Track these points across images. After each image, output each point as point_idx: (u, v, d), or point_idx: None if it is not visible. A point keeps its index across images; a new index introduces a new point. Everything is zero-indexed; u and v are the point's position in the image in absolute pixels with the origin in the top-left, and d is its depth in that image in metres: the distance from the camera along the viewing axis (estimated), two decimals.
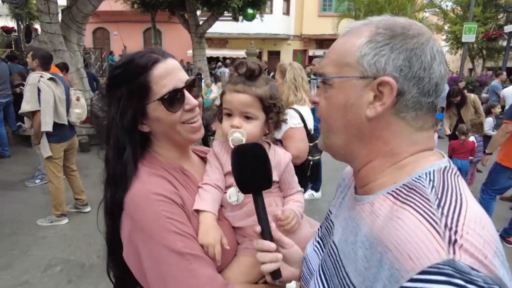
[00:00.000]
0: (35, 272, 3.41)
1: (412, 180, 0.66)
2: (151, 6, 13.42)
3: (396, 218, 0.61)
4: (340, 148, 0.77)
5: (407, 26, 0.68)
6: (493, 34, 15.47)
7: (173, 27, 20.45)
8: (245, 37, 21.76)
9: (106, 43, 23.51)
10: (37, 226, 4.30)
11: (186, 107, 0.99)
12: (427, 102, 0.68)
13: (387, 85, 0.66)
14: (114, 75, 1.00)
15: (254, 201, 0.90)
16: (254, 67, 1.08)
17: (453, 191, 0.61)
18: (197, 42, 13.57)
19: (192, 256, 0.89)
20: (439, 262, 0.52)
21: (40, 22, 7.79)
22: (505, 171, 4.01)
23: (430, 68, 0.66)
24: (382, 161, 0.71)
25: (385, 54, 0.66)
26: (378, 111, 0.67)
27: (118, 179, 0.96)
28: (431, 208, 0.59)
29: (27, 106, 3.99)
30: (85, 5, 8.16)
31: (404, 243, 0.56)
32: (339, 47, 0.74)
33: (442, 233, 0.54)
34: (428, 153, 0.71)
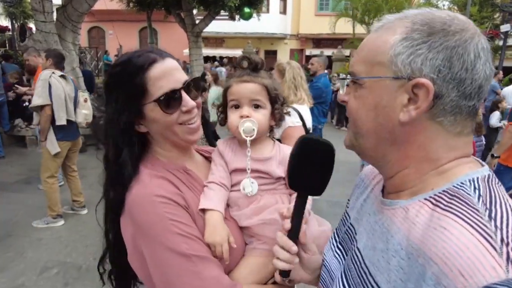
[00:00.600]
0: (31, 274, 3.35)
1: (454, 186, 0.61)
2: (146, 5, 13.33)
3: (441, 228, 0.55)
4: (370, 151, 0.72)
5: (448, 21, 0.62)
6: (490, 33, 15.53)
7: (169, 26, 20.34)
8: (242, 36, 21.72)
9: (101, 42, 23.37)
10: (33, 227, 4.24)
11: (183, 109, 0.98)
12: (467, 106, 0.62)
13: (423, 87, 0.60)
14: (112, 74, 0.99)
15: (297, 199, 0.84)
16: (257, 59, 1.09)
17: (502, 202, 0.57)
18: (193, 41, 13.49)
19: (197, 257, 0.88)
20: (497, 281, 0.47)
21: (34, 21, 7.71)
22: (509, 172, 4.02)
23: (474, 68, 0.60)
24: (418, 167, 0.66)
25: (422, 53, 0.61)
26: (412, 116, 0.62)
27: (117, 180, 0.95)
28: (482, 219, 0.53)
29: (38, 100, 4.05)
30: (81, 4, 8.08)
31: (454, 257, 0.51)
32: (370, 43, 0.68)
33: (499, 248, 0.49)
34: (467, 160, 0.65)
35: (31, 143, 7.63)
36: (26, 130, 7.86)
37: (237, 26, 17.11)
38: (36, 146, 6.57)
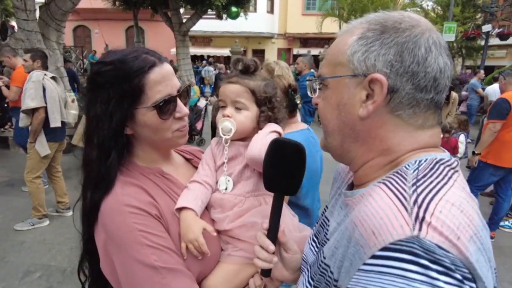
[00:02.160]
0: (12, 280, 3.28)
1: (403, 165, 0.64)
2: (133, 3, 13.21)
3: (369, 195, 0.60)
4: (337, 149, 0.75)
5: (399, 19, 0.65)
6: (472, 33, 15.85)
7: (156, 25, 20.15)
8: (229, 36, 21.66)
9: (87, 41, 22.99)
10: (16, 231, 4.14)
11: (176, 115, 0.97)
12: (425, 99, 0.64)
13: (377, 82, 0.63)
14: (100, 72, 0.92)
15: (274, 200, 0.86)
16: (249, 63, 1.10)
17: (439, 176, 0.59)
18: (180, 40, 13.40)
19: (166, 269, 0.86)
20: (402, 238, 0.50)
21: (16, 19, 7.52)
22: (488, 168, 4.09)
23: (425, 61, 0.62)
24: (381, 160, 0.68)
25: (375, 50, 0.64)
26: (370, 110, 0.65)
27: (100, 182, 0.92)
28: (404, 185, 0.57)
29: (32, 102, 3.96)
30: (64, 2, 7.93)
31: (370, 218, 0.55)
32: (334, 47, 0.72)
33: (410, 209, 0.52)
34: (431, 149, 0.67)
35: (14, 145, 7.45)
36: (9, 131, 7.68)
37: (224, 25, 17.08)
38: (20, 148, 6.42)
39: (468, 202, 0.56)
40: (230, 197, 1.05)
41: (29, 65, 4.24)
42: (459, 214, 0.53)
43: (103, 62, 0.94)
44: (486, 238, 0.55)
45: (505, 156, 3.98)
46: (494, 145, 4.02)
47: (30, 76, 4.04)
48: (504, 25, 16.77)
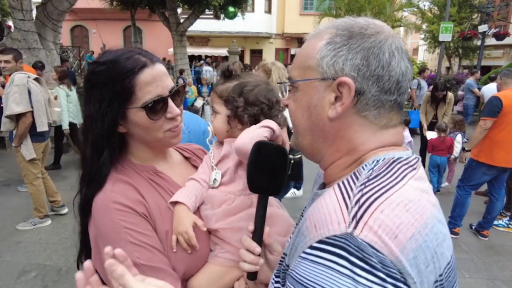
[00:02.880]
0: (8, 279, 3.29)
1: (361, 165, 0.67)
2: (130, 3, 13.21)
3: (325, 193, 0.64)
4: (308, 148, 0.78)
5: (365, 25, 0.69)
6: (468, 33, 15.93)
7: (154, 25, 20.14)
8: (227, 36, 21.67)
9: (84, 41, 22.94)
10: (12, 231, 4.15)
11: (168, 116, 0.98)
12: (389, 100, 0.68)
13: (345, 85, 0.66)
14: (95, 72, 0.95)
15: (258, 202, 0.89)
16: (222, 68, 1.15)
17: (391, 176, 0.62)
18: (178, 40, 13.41)
19: (147, 267, 0.87)
20: (337, 234, 0.54)
21: (12, 19, 7.52)
22: (480, 167, 4.10)
23: (389, 65, 0.66)
24: (347, 159, 0.72)
25: (343, 55, 0.67)
26: (338, 112, 0.68)
27: (93, 178, 0.95)
28: (353, 185, 0.61)
29: (18, 107, 3.83)
30: (61, 2, 7.94)
31: (316, 213, 0.59)
32: (303, 51, 0.75)
33: (351, 207, 0.56)
34: (392, 148, 0.71)
35: (11, 145, 7.45)
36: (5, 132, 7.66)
37: (222, 25, 17.09)
38: None
39: (420, 200, 0.59)
40: (221, 194, 1.06)
41: (12, 66, 4.08)
42: (403, 213, 0.55)
43: (97, 62, 0.97)
44: (436, 234, 0.58)
45: (496, 155, 3.98)
46: (486, 144, 4.02)
47: (13, 79, 3.88)
48: (500, 25, 16.85)
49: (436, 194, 4.76)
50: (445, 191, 5.94)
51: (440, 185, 5.93)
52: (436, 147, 5.71)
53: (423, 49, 28.03)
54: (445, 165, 5.81)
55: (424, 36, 21.59)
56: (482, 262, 3.85)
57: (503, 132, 3.94)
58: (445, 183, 6.16)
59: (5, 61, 4.01)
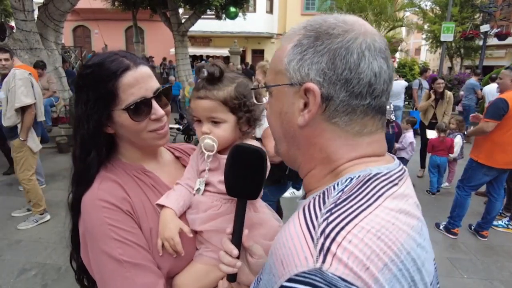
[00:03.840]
0: (8, 278, 3.32)
1: (334, 183, 0.63)
2: (132, 3, 13.25)
3: (290, 221, 0.59)
4: (285, 155, 0.75)
5: (333, 24, 0.63)
6: (470, 33, 15.89)
7: (156, 25, 20.18)
8: (229, 36, 21.68)
9: (87, 41, 23.03)
10: (12, 230, 4.19)
11: (152, 117, 0.99)
12: (360, 105, 0.62)
13: (311, 91, 0.62)
14: (82, 75, 0.99)
15: (237, 205, 0.88)
16: (212, 70, 1.02)
17: (363, 198, 0.57)
18: (179, 40, 13.44)
19: (130, 264, 0.89)
20: (306, 270, 0.50)
21: (14, 19, 7.58)
22: (481, 168, 4.07)
23: (358, 67, 0.60)
24: (321, 169, 0.68)
25: (308, 58, 0.63)
26: (306, 119, 0.64)
27: (81, 178, 0.98)
28: (318, 212, 0.56)
29: (27, 99, 4.02)
30: (62, 3, 7.98)
31: (281, 247, 0.55)
32: (276, 53, 0.71)
33: (316, 239, 0.52)
34: (371, 159, 0.65)
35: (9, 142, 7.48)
36: None
37: (224, 25, 17.10)
38: None
39: (394, 224, 0.55)
40: (207, 200, 1.06)
41: (11, 64, 4.23)
42: (375, 241, 0.51)
43: (85, 65, 1.00)
44: (413, 260, 0.55)
45: (497, 157, 3.95)
46: (487, 145, 3.98)
47: (14, 74, 4.03)
48: (502, 25, 16.79)
49: (436, 194, 4.73)
50: (445, 191, 5.94)
51: (440, 185, 5.93)
52: (436, 147, 5.71)
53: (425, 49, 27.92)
54: (445, 166, 5.80)
55: (426, 36, 21.53)
56: (481, 262, 3.85)
57: (507, 135, 3.86)
58: (445, 184, 6.15)
59: (5, 59, 4.14)
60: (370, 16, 16.84)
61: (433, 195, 5.78)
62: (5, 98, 4.05)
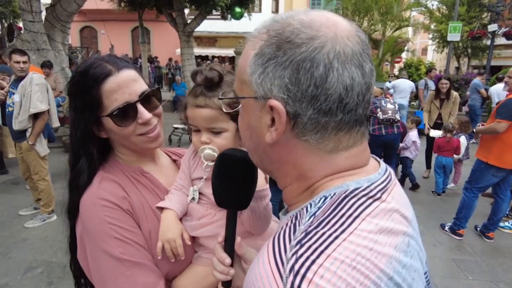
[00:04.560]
0: (15, 275, 3.36)
1: (308, 204, 0.58)
2: (138, 4, 13.30)
3: (260, 254, 0.55)
4: (260, 167, 0.70)
5: (296, 30, 0.54)
6: (478, 33, 15.74)
7: (162, 26, 20.28)
8: (234, 36, 21.67)
9: (93, 42, 23.22)
10: (19, 228, 4.24)
11: (139, 121, 0.98)
12: (332, 121, 0.55)
13: (275, 109, 0.55)
14: (72, 83, 0.99)
15: (227, 216, 0.84)
16: (211, 75, 0.96)
17: (336, 222, 0.51)
18: (185, 41, 13.48)
19: (130, 262, 0.89)
20: None
21: (22, 20, 7.68)
22: (489, 169, 4.02)
23: (325, 82, 0.53)
24: (297, 185, 0.63)
25: (270, 72, 0.55)
26: (273, 137, 0.58)
27: (72, 186, 0.99)
28: (288, 244, 0.51)
29: (42, 105, 4.07)
30: (69, 4, 8.06)
31: (251, 285, 0.52)
32: (240, 59, 0.63)
33: (286, 278, 0.47)
34: (350, 172, 0.59)
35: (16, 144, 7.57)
36: None
37: (230, 26, 17.10)
38: None
39: (372, 248, 0.49)
40: (201, 208, 1.04)
41: (28, 67, 4.19)
42: (349, 272, 0.46)
43: (75, 72, 1.01)
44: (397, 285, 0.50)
45: (506, 157, 3.91)
46: (496, 146, 3.94)
47: (31, 79, 4.05)
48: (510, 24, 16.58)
49: (442, 195, 4.66)
50: (451, 192, 5.89)
51: (445, 186, 5.88)
52: (442, 148, 5.66)
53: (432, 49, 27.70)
54: (451, 166, 5.76)
55: (433, 36, 21.35)
56: (486, 264, 3.81)
57: None
58: (451, 184, 6.10)
59: (24, 61, 4.13)
60: (376, 16, 16.76)
61: (439, 196, 5.74)
62: (19, 101, 4.06)
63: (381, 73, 17.61)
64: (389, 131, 5.37)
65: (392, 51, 19.87)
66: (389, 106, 5.38)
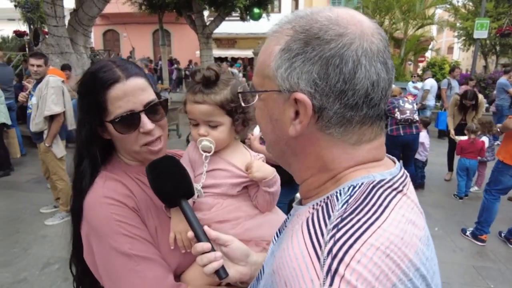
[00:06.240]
0: (33, 270, 3.48)
1: (335, 192, 0.59)
2: (158, 7, 13.55)
3: (291, 236, 0.55)
4: (280, 160, 0.71)
5: (325, 26, 0.56)
6: (506, 29, 15.03)
7: (182, 28, 20.58)
8: (253, 37, 21.72)
9: (116, 44, 23.86)
10: (40, 225, 4.40)
11: (140, 130, 0.98)
12: (357, 115, 0.58)
13: (301, 102, 0.57)
14: (81, 82, 1.01)
15: (181, 210, 0.91)
16: (209, 74, 1.05)
17: (370, 210, 0.53)
18: (204, 42, 13.64)
19: (139, 257, 0.91)
20: None
21: (47, 25, 7.98)
22: (508, 169, 3.87)
23: (353, 78, 0.55)
24: (319, 177, 0.64)
25: (298, 67, 0.57)
26: (298, 130, 0.60)
27: (76, 187, 1.00)
28: (324, 228, 0.52)
29: (57, 108, 4.18)
30: (91, 8, 8.30)
31: (284, 267, 0.51)
32: (262, 53, 0.65)
33: (323, 260, 0.48)
34: (372, 164, 0.61)
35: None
36: None
37: (249, 27, 17.15)
38: None
39: (403, 238, 0.51)
40: (209, 200, 1.08)
41: (43, 70, 4.30)
42: (384, 259, 0.48)
43: (86, 72, 1.02)
44: (422, 277, 0.52)
45: None
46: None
47: (47, 82, 4.17)
48: None
49: (464, 199, 4.51)
50: (474, 196, 5.65)
51: (468, 189, 5.65)
52: (466, 150, 5.44)
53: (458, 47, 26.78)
54: (474, 169, 5.53)
55: (458, 33, 20.60)
56: (510, 272, 3.62)
57: None
58: (475, 188, 5.87)
59: (38, 65, 4.25)
60: (397, 15, 16.35)
61: (461, 200, 5.52)
62: (36, 104, 4.21)
63: (404, 72, 17.18)
64: (407, 132, 5.23)
65: (415, 50, 19.34)
66: (407, 106, 5.23)
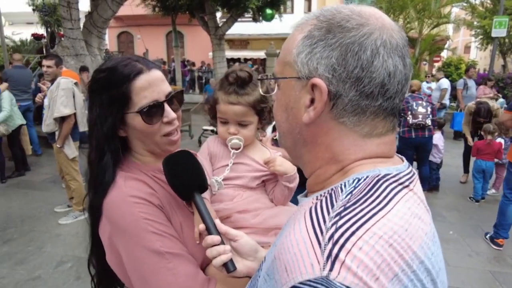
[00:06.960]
0: (47, 268, 3.55)
1: (340, 184, 0.59)
2: (171, 9, 13.67)
3: (294, 224, 0.55)
4: (291, 151, 0.72)
5: (347, 16, 0.58)
6: None
7: (195, 30, 20.73)
8: (266, 38, 21.73)
9: (130, 46, 24.23)
10: (54, 224, 4.49)
11: (164, 120, 1.01)
12: (371, 106, 0.58)
13: (317, 87, 0.58)
14: (97, 78, 1.02)
15: (194, 203, 0.93)
16: (243, 75, 1.11)
17: (374, 201, 0.53)
18: (216, 44, 13.70)
19: (171, 254, 0.91)
20: (311, 278, 0.46)
21: (63, 28, 8.16)
22: None
23: (371, 66, 0.56)
24: (327, 168, 0.64)
25: (318, 52, 0.58)
26: (311, 116, 0.60)
27: (97, 184, 0.99)
28: (327, 216, 0.52)
29: (66, 109, 4.23)
30: (105, 10, 8.45)
31: (285, 252, 0.51)
32: (286, 43, 0.67)
33: (324, 245, 0.48)
34: (379, 160, 0.62)
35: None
36: None
37: (261, 28, 17.18)
38: None
39: (407, 230, 0.51)
40: (229, 191, 1.14)
41: (53, 71, 4.35)
42: (386, 248, 0.48)
43: (99, 69, 1.03)
44: (427, 270, 0.51)
45: None
46: None
47: (59, 83, 4.24)
48: None
49: (481, 202, 4.40)
50: (492, 199, 5.50)
51: (485, 192, 5.50)
52: (482, 151, 5.30)
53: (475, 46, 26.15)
54: (491, 171, 5.38)
55: (475, 32, 20.11)
56: None
57: None
58: (492, 190, 5.71)
59: (48, 66, 4.33)
60: (411, 14, 16.08)
61: (477, 203, 5.38)
62: (48, 105, 4.31)
63: (418, 73, 16.88)
64: (419, 134, 5.12)
65: (430, 49, 18.98)
66: (421, 110, 5.11)
